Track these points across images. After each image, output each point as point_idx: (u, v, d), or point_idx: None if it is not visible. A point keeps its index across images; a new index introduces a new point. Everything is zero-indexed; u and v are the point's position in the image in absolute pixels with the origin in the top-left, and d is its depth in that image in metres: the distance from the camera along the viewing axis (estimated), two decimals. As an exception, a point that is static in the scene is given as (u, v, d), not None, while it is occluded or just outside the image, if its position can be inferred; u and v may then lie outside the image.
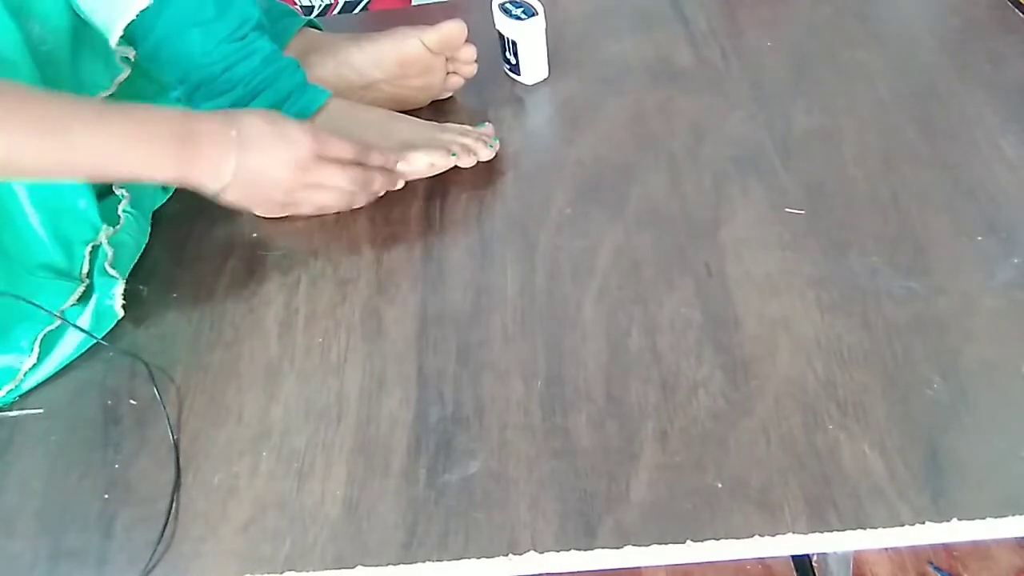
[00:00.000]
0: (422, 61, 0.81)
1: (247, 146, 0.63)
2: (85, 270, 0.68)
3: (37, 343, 0.65)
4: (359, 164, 0.70)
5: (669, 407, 0.58)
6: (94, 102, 0.65)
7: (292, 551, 0.54)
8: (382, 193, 0.74)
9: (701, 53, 0.88)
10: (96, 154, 0.58)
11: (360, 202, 0.73)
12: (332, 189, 0.69)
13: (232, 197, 0.65)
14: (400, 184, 0.75)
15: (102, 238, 0.69)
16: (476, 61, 0.84)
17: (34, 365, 0.65)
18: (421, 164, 0.75)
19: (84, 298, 0.68)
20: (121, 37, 0.65)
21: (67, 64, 0.66)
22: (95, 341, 0.67)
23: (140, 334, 0.69)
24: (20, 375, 0.64)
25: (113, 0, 0.64)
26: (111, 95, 0.70)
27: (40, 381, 0.66)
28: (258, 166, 0.64)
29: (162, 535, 0.56)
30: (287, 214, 0.73)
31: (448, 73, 0.84)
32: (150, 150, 0.59)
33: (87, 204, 0.68)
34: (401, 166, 0.73)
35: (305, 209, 0.72)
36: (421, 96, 0.85)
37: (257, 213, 0.72)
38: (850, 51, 0.85)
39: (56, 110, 0.57)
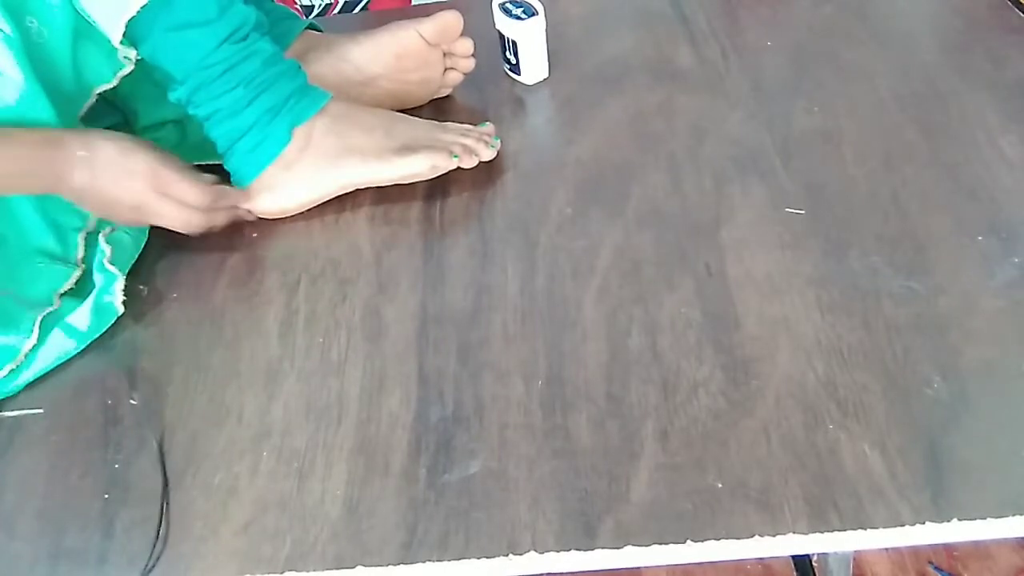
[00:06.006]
0: (420, 53, 0.81)
1: (96, 170, 0.66)
2: (80, 255, 0.69)
3: (37, 324, 0.66)
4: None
5: (669, 407, 0.58)
6: None
7: (292, 551, 0.54)
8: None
9: (701, 53, 0.88)
10: None
11: (198, 231, 0.73)
12: (172, 220, 0.72)
13: (89, 209, 0.70)
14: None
15: (92, 224, 0.70)
16: (474, 56, 0.84)
17: (35, 347, 0.65)
18: (423, 167, 0.75)
19: (82, 293, 0.68)
20: (123, 37, 0.65)
21: (67, 58, 0.66)
22: (94, 337, 0.67)
23: (140, 334, 0.69)
24: (21, 356, 0.65)
25: None
26: (112, 89, 0.71)
27: (39, 374, 0.66)
28: (102, 190, 0.67)
29: (157, 537, 0.56)
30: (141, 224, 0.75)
31: (446, 69, 0.85)
32: (24, 178, 0.65)
33: None
34: (248, 207, 0.75)
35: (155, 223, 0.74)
36: (420, 92, 0.85)
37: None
38: (850, 51, 0.85)
39: None
